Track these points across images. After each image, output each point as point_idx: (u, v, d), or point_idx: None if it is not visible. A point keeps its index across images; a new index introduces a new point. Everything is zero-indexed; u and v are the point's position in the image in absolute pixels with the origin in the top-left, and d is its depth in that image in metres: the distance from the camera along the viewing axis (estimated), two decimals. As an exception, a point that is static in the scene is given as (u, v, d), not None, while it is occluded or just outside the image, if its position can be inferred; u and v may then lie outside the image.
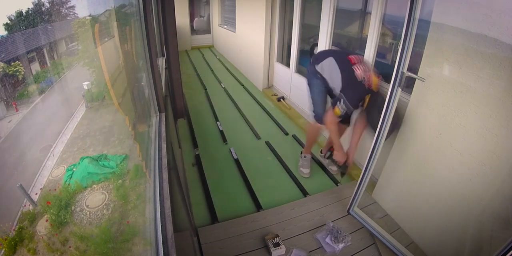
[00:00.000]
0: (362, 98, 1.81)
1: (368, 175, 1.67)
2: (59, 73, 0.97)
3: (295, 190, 2.19)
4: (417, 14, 1.27)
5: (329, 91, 2.04)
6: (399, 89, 1.41)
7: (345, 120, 2.11)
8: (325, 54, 1.99)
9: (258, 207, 2.00)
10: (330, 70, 1.91)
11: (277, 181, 2.30)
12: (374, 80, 1.72)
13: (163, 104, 1.68)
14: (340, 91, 1.84)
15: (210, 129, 3.16)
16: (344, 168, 2.11)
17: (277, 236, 1.69)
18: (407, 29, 1.29)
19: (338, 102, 1.81)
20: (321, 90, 2.04)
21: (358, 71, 1.76)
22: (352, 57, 1.83)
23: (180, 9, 6.54)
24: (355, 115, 2.07)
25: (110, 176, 1.09)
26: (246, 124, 3.28)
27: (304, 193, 2.14)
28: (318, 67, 1.98)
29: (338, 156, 2.05)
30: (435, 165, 1.50)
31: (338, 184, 2.26)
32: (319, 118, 2.07)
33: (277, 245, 1.63)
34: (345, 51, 2.05)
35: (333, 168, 2.37)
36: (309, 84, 2.09)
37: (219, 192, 2.15)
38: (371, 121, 1.83)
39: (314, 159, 2.54)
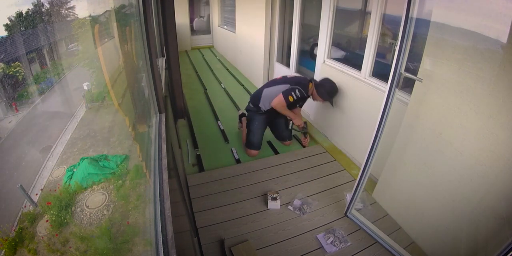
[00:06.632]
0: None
1: (365, 180, 1.69)
2: (59, 74, 0.97)
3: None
4: (414, 14, 1.27)
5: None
6: (396, 90, 1.41)
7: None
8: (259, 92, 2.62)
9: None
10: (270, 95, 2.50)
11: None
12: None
13: (163, 105, 1.67)
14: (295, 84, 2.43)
15: (211, 129, 3.15)
16: (305, 129, 2.69)
17: (277, 192, 1.99)
18: (404, 29, 1.29)
19: (293, 91, 2.38)
20: (261, 123, 2.61)
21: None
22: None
23: (180, 9, 6.53)
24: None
25: (110, 177, 1.09)
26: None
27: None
28: (261, 104, 2.56)
29: (297, 121, 2.61)
30: (435, 165, 1.50)
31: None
32: (256, 147, 2.58)
33: (274, 199, 1.93)
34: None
35: (301, 138, 2.84)
36: (251, 119, 2.65)
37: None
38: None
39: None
